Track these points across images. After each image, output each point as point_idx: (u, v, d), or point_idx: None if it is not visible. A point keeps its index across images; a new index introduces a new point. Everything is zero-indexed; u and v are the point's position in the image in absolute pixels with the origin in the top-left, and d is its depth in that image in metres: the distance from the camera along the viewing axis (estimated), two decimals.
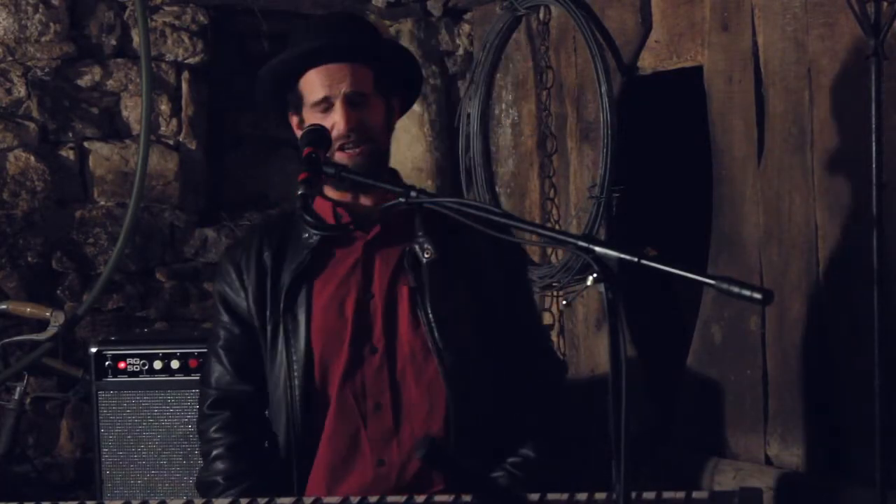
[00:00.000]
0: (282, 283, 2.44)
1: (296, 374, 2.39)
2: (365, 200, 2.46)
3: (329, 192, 2.46)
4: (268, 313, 2.44)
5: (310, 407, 2.39)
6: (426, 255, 2.41)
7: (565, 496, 1.99)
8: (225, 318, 2.50)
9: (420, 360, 2.39)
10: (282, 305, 2.43)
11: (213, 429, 2.47)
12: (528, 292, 2.59)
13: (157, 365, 3.27)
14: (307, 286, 2.43)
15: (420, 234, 2.42)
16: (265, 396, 2.48)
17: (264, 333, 2.45)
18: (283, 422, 2.42)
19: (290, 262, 2.45)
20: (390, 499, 2.07)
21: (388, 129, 2.51)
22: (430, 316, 2.38)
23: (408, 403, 2.38)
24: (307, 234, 2.45)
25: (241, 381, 2.48)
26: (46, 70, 4.01)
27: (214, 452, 2.45)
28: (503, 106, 4.06)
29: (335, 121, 2.38)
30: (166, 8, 4.15)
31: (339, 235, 2.45)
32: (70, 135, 4.07)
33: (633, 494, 1.93)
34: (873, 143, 2.62)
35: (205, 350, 3.22)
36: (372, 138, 2.42)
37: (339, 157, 2.37)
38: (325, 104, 2.40)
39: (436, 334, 2.37)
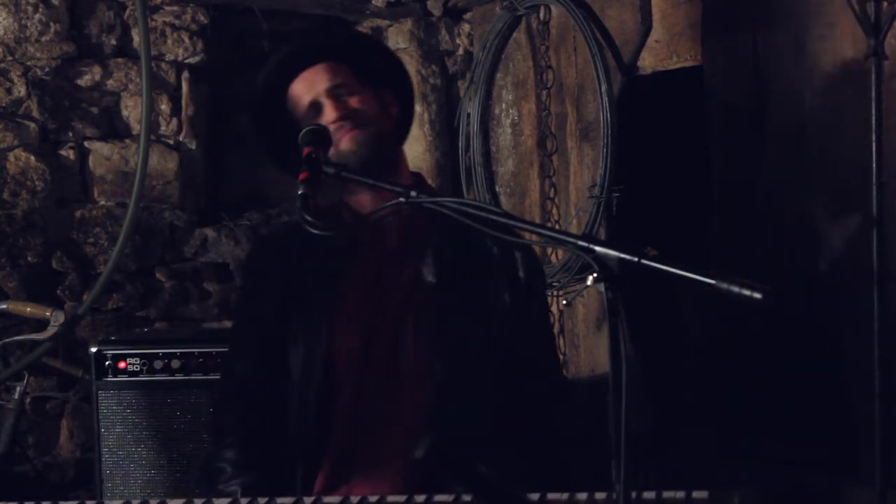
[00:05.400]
0: (306, 284, 2.44)
1: (313, 375, 2.39)
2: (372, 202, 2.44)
3: (351, 200, 2.46)
4: (291, 313, 2.44)
5: (325, 409, 2.39)
6: (429, 279, 2.41)
7: (565, 496, 1.99)
8: (254, 310, 2.49)
9: (416, 378, 2.38)
10: (304, 307, 2.42)
11: (229, 417, 2.46)
12: (542, 318, 2.54)
13: (158, 365, 3.27)
14: (329, 289, 2.43)
15: (429, 253, 2.42)
16: (283, 391, 2.47)
17: (287, 332, 2.44)
18: (296, 421, 2.41)
19: (314, 264, 2.45)
20: (390, 498, 2.06)
21: (387, 116, 2.49)
22: (428, 339, 2.38)
23: (413, 416, 2.37)
24: (327, 243, 2.45)
25: (264, 372, 2.46)
26: (46, 70, 4.01)
27: (227, 440, 2.44)
28: (503, 106, 4.06)
29: (326, 116, 2.40)
30: (166, 8, 4.15)
31: (358, 245, 2.44)
32: (70, 134, 4.07)
33: (633, 494, 1.93)
34: (873, 143, 2.62)
35: (205, 350, 3.25)
36: (367, 122, 2.41)
37: (342, 143, 2.36)
38: (315, 108, 2.42)
39: (429, 357, 2.37)
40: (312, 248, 2.44)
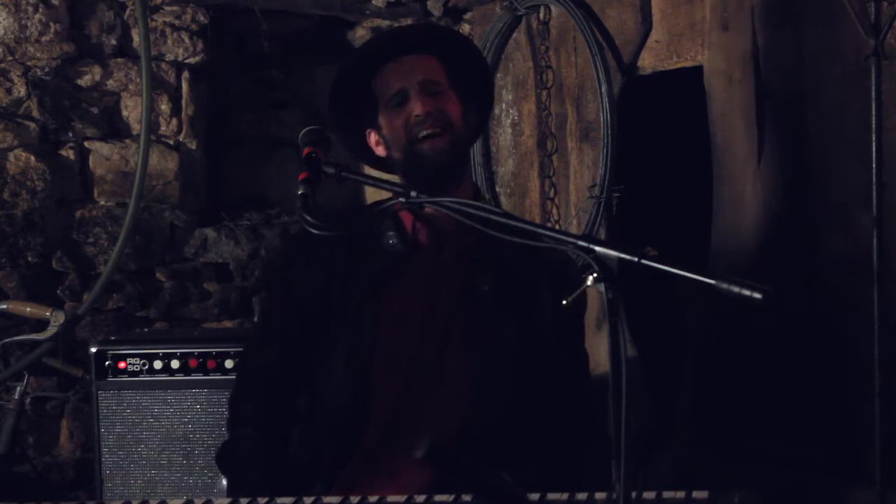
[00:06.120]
0: (353, 285, 2.42)
1: (354, 372, 2.38)
2: (443, 216, 2.40)
3: (428, 213, 2.42)
4: (333, 314, 2.42)
5: (361, 408, 2.38)
6: (484, 288, 2.41)
7: (565, 496, 1.99)
8: (284, 301, 2.48)
9: (458, 383, 2.39)
10: (349, 310, 2.41)
11: (245, 407, 2.47)
12: (578, 337, 2.54)
13: (157, 365, 3.27)
14: (377, 292, 2.41)
15: (486, 265, 2.42)
16: (303, 384, 2.47)
17: (323, 329, 2.43)
18: (329, 417, 2.40)
19: (364, 266, 2.42)
20: (391, 498, 2.06)
21: (467, 125, 2.46)
22: (474, 346, 2.39)
23: (452, 425, 2.37)
24: (384, 241, 2.43)
25: (286, 365, 2.46)
26: (46, 70, 4.02)
27: (243, 430, 2.45)
28: (503, 106, 4.06)
29: (410, 109, 2.37)
30: (166, 8, 4.16)
31: (415, 248, 2.42)
32: (70, 135, 4.07)
33: (633, 494, 1.93)
34: (873, 143, 2.62)
35: (205, 350, 3.26)
36: (451, 127, 2.38)
37: (422, 147, 2.35)
38: (401, 97, 2.38)
39: (473, 365, 2.38)
40: (361, 246, 2.43)
